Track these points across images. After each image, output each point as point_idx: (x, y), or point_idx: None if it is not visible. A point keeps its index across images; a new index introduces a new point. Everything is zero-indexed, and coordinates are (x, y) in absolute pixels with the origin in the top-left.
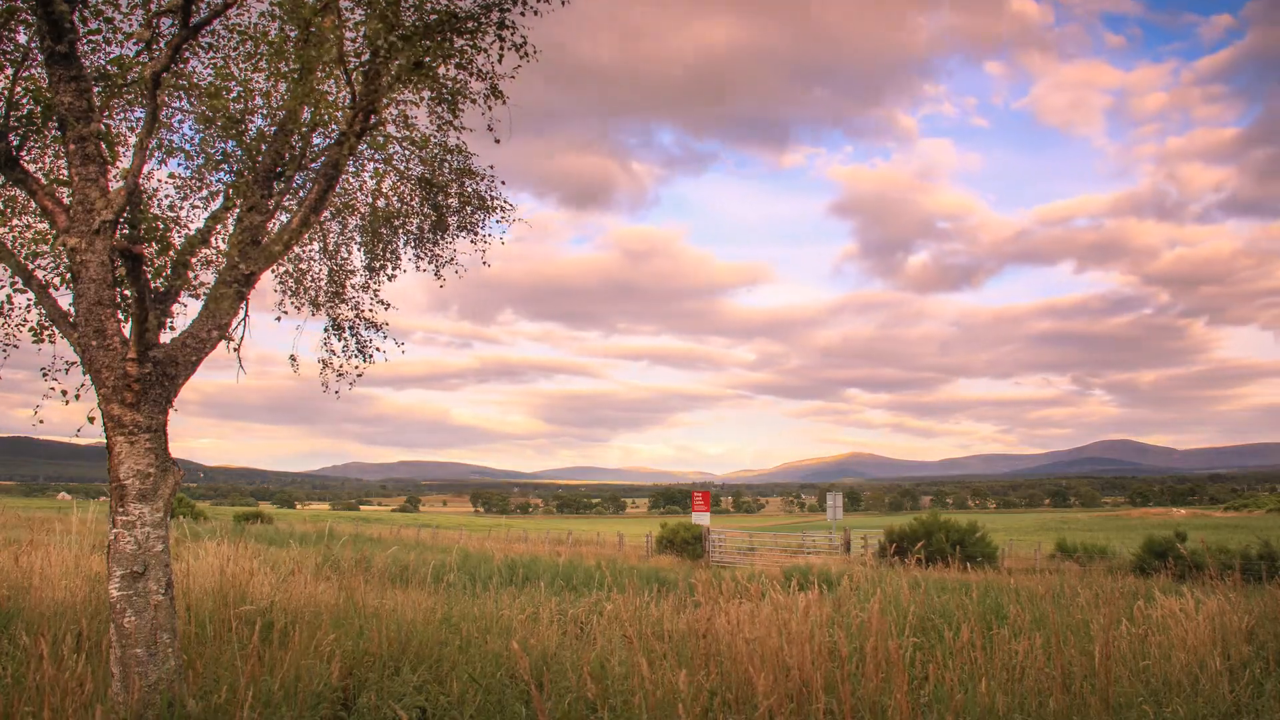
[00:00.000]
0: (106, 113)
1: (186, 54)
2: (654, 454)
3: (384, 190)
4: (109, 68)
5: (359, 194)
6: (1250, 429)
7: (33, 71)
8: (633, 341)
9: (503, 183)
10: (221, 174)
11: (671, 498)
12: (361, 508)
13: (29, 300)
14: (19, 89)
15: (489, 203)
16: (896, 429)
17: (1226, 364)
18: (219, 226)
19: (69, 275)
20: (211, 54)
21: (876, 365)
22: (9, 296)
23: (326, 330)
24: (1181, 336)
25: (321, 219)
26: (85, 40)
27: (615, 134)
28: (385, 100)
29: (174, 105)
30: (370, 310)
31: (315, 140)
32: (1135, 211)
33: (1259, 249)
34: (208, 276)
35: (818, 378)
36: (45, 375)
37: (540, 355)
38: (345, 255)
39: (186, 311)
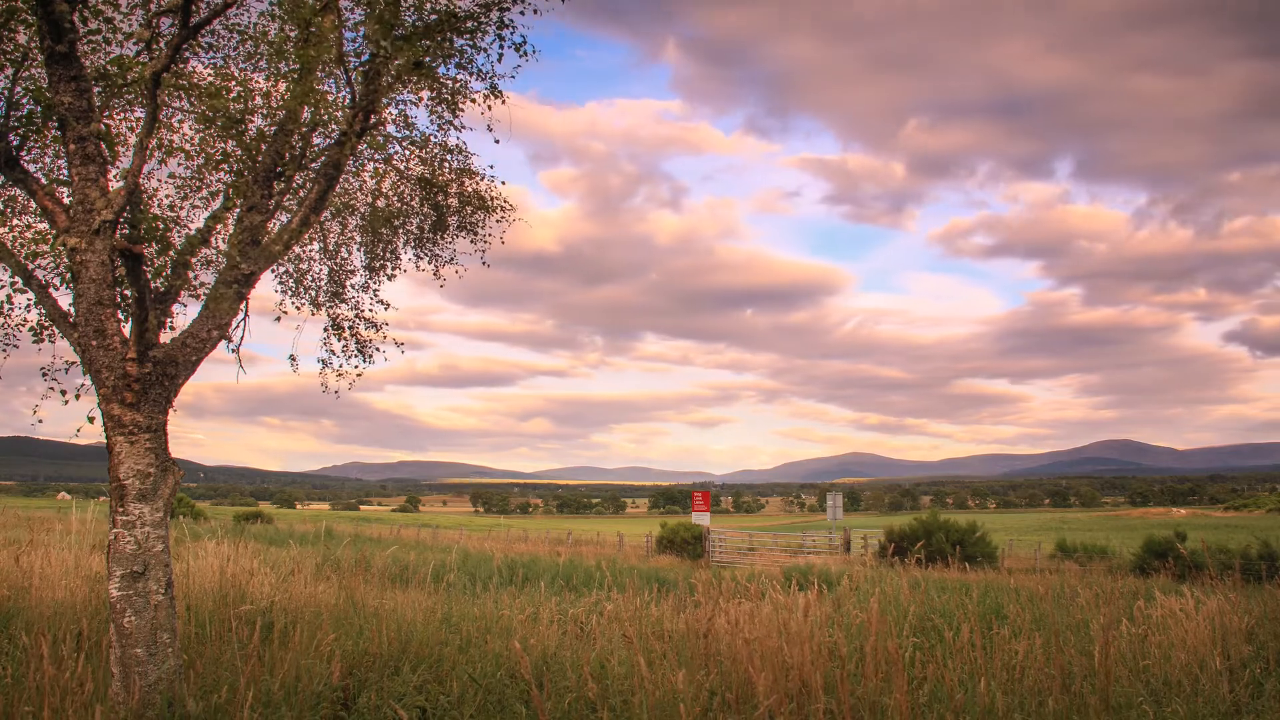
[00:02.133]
0: (106, 113)
1: (186, 54)
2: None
3: (384, 190)
4: (109, 68)
5: (359, 194)
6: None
7: (33, 71)
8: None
9: (503, 182)
10: (221, 174)
11: (672, 498)
12: (361, 508)
13: (29, 300)
14: (19, 89)
15: (489, 202)
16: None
17: None
18: (219, 226)
19: (69, 275)
20: (211, 54)
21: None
22: (9, 296)
23: (326, 330)
24: None
25: (321, 219)
26: (85, 40)
27: None
28: (385, 100)
29: (174, 105)
30: (370, 310)
31: (315, 140)
32: None
33: None
34: (208, 276)
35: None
36: (45, 375)
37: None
38: (345, 255)
39: (186, 311)
